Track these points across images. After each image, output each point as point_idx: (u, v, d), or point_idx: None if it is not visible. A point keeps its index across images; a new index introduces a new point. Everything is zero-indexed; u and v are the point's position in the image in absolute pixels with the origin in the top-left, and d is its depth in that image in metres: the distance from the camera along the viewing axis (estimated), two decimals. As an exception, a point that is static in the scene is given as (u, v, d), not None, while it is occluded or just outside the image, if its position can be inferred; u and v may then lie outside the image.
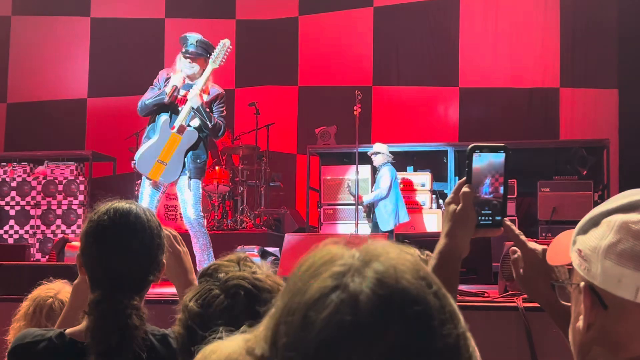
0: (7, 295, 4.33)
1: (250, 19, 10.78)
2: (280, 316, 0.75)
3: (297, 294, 0.74)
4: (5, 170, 9.00)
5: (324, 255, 0.77)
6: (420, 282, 0.74)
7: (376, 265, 0.74)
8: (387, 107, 10.13)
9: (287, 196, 9.88)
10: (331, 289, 0.72)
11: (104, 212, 1.77)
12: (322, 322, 0.71)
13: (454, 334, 0.74)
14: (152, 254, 1.79)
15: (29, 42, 10.79)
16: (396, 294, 0.72)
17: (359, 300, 0.71)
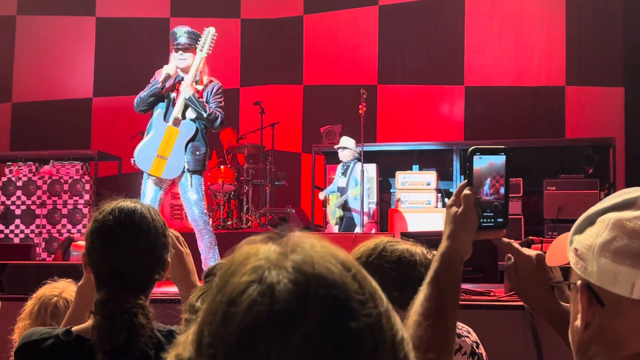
0: (13, 294, 4.34)
1: (255, 18, 10.79)
2: (204, 317, 0.75)
3: (217, 293, 0.75)
4: (11, 169, 9.02)
5: (243, 252, 0.77)
6: (338, 266, 0.74)
7: (293, 255, 0.74)
8: (392, 105, 10.12)
9: (293, 195, 9.89)
10: (249, 283, 0.73)
11: (109, 211, 1.78)
12: (240, 316, 0.71)
13: (375, 312, 0.74)
14: (157, 253, 1.80)
15: (34, 42, 10.82)
16: (313, 280, 0.72)
17: (275, 290, 0.71)
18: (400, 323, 0.77)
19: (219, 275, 0.77)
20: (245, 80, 10.66)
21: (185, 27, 5.61)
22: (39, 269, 4.91)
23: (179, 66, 5.56)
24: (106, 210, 1.79)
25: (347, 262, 0.76)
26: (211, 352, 0.72)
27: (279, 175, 9.31)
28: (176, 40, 5.55)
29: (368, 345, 0.72)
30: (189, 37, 5.55)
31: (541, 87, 9.53)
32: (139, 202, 1.83)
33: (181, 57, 5.52)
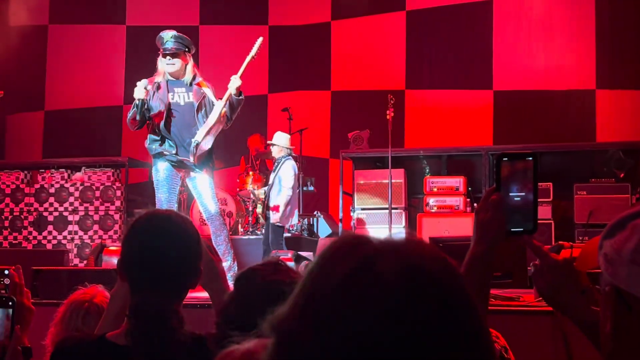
0: (46, 299, 4.40)
1: (282, 25, 10.84)
2: (306, 297, 0.76)
3: (323, 277, 0.76)
4: (44, 177, 9.16)
5: (355, 239, 0.79)
6: (445, 267, 0.76)
7: (400, 249, 0.76)
8: (420, 110, 10.10)
9: (321, 200, 9.90)
10: (357, 271, 0.74)
11: (144, 220, 1.81)
12: (349, 305, 0.72)
13: (477, 319, 0.76)
14: (190, 261, 1.83)
15: (66, 51, 10.97)
16: (421, 275, 0.74)
17: (384, 281, 0.73)
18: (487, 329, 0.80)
19: (320, 261, 0.78)
20: (273, 86, 10.71)
21: (172, 32, 5.60)
22: (72, 274, 4.98)
23: (168, 71, 5.58)
24: (141, 218, 1.82)
25: (451, 265, 0.78)
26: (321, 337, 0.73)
27: (307, 180, 9.32)
28: (163, 45, 5.55)
29: (467, 347, 0.74)
30: (176, 41, 5.54)
31: (571, 91, 9.44)
32: (172, 210, 1.86)
33: (169, 62, 5.52)
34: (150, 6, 10.73)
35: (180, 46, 5.54)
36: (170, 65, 5.53)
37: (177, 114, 5.61)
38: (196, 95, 5.59)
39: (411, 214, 8.67)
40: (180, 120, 5.61)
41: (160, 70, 5.62)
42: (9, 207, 9.12)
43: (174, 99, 5.60)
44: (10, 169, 9.28)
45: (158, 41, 5.61)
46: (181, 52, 5.55)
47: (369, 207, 8.58)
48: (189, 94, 5.61)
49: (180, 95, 5.62)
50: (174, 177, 5.69)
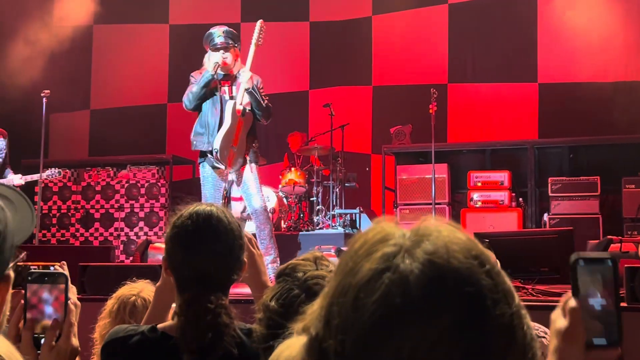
0: (93, 295, 4.48)
1: (323, 20, 10.83)
2: (333, 296, 0.75)
3: (348, 275, 0.74)
4: (90, 174, 9.32)
5: (375, 234, 0.76)
6: (472, 261, 0.73)
7: (427, 245, 0.73)
8: (463, 104, 9.99)
9: (363, 196, 9.87)
10: (381, 271, 0.72)
11: (187, 216, 1.83)
12: (373, 305, 0.70)
13: (508, 313, 0.72)
14: (235, 254, 1.84)
15: (110, 50, 11.13)
16: (447, 274, 0.71)
17: (409, 282, 0.70)
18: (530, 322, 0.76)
19: (349, 253, 0.77)
20: (315, 82, 10.71)
21: (223, 27, 5.73)
22: (118, 270, 5.06)
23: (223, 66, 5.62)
24: (184, 215, 1.84)
25: (481, 256, 0.74)
26: (341, 337, 0.72)
27: (349, 176, 9.31)
28: (214, 41, 5.63)
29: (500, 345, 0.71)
30: (227, 36, 5.63)
31: (618, 83, 9.22)
32: (214, 206, 1.88)
33: (223, 55, 5.58)
34: (192, 5, 10.82)
35: (231, 41, 5.62)
36: (224, 59, 5.60)
37: (223, 109, 5.63)
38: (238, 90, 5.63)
39: (455, 209, 8.60)
40: (224, 116, 5.62)
41: (208, 67, 5.66)
42: (57, 204, 9.31)
43: (221, 93, 5.66)
44: (57, 167, 9.45)
45: (207, 37, 5.69)
46: (232, 46, 5.60)
47: (411, 203, 8.52)
48: (233, 88, 5.66)
49: (226, 90, 5.67)
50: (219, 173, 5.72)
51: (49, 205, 9.26)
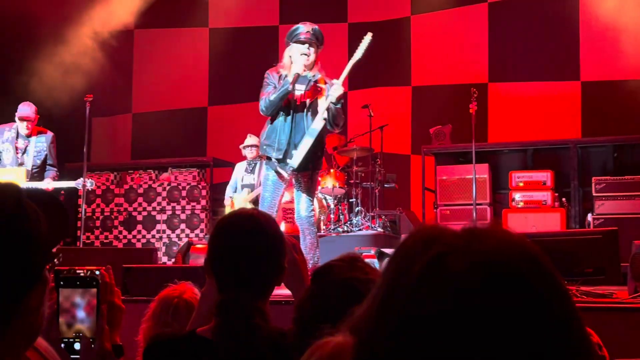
0: (136, 296, 4.53)
1: (362, 21, 10.81)
2: (384, 297, 0.74)
3: (400, 274, 0.73)
4: (133, 177, 9.46)
5: (428, 234, 0.75)
6: (526, 263, 0.71)
7: (478, 245, 0.72)
8: (504, 104, 9.88)
9: (402, 197, 9.83)
10: (428, 270, 0.71)
11: (229, 220, 1.85)
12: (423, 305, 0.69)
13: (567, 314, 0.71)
14: (274, 259, 1.86)
15: (151, 54, 11.29)
16: (497, 275, 0.70)
17: (459, 282, 0.69)
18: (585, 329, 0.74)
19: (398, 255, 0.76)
20: (353, 83, 10.69)
21: (314, 25, 5.53)
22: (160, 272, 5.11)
23: (301, 61, 5.42)
24: (226, 218, 1.86)
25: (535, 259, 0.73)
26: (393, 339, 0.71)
27: (389, 177, 9.27)
28: (300, 36, 5.44)
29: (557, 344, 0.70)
30: (314, 34, 5.48)
31: (664, 79, 9.02)
32: (256, 210, 1.89)
33: (306, 50, 5.40)
34: (231, 8, 10.89)
35: (317, 40, 5.49)
36: (304, 56, 5.41)
37: (292, 111, 5.47)
38: (311, 93, 5.48)
39: (496, 209, 8.50)
40: (292, 118, 5.47)
41: (286, 62, 5.48)
42: (100, 207, 9.46)
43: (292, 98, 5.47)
44: (100, 170, 9.63)
45: (293, 31, 5.51)
46: (315, 45, 5.48)
47: (452, 204, 8.46)
48: (305, 92, 5.49)
49: (297, 93, 5.47)
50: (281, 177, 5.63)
51: (93, 208, 9.42)
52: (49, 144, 7.23)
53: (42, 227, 1.05)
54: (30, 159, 7.10)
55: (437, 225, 0.77)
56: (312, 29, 5.48)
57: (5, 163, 7.09)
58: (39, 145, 7.16)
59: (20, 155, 7.10)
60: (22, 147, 7.12)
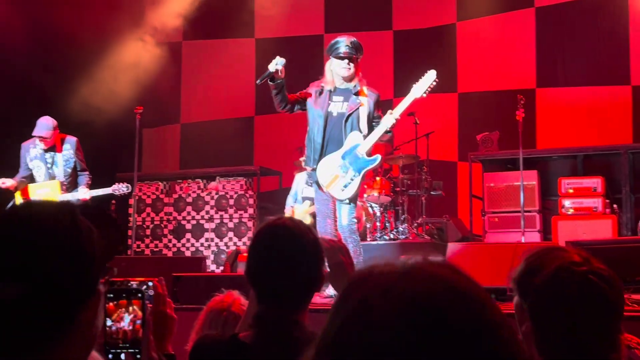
0: (186, 304, 4.60)
1: (406, 28, 10.80)
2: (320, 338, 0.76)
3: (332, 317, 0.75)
4: (181, 187, 9.60)
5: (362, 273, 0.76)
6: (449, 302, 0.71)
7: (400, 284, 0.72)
8: (552, 109, 9.74)
9: (449, 205, 9.75)
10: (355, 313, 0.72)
11: (265, 231, 1.87)
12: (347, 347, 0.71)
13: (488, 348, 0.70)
14: (311, 270, 1.87)
15: (199, 65, 11.45)
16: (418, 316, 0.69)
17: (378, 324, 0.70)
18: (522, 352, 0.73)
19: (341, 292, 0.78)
20: (399, 91, 10.66)
21: (351, 38, 5.58)
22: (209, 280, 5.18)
23: (342, 74, 5.50)
24: (262, 230, 1.88)
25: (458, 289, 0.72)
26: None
27: (435, 184, 9.22)
28: (339, 50, 5.51)
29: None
30: (353, 47, 5.52)
31: None
32: (291, 220, 1.90)
33: (346, 65, 5.47)
34: (277, 18, 10.98)
35: (356, 53, 5.55)
36: (345, 69, 5.49)
37: (329, 124, 5.53)
38: (351, 105, 5.51)
39: (546, 217, 8.37)
40: (329, 132, 5.52)
41: (328, 77, 5.59)
42: (150, 216, 9.63)
43: (330, 109, 5.54)
44: (150, 180, 9.80)
45: (332, 45, 5.59)
46: (355, 58, 5.55)
47: (500, 211, 8.36)
48: (344, 104, 5.52)
49: (336, 105, 5.53)
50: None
51: (143, 217, 9.58)
52: (75, 150, 7.06)
53: (97, 243, 1.09)
54: (60, 170, 7.01)
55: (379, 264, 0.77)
56: (350, 43, 5.53)
57: (38, 180, 7.04)
58: (66, 154, 7.03)
59: (50, 168, 7.01)
60: (50, 160, 7.03)
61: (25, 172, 7.11)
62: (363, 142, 5.45)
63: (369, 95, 5.56)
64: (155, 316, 1.57)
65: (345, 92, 5.55)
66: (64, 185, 6.99)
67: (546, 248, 1.66)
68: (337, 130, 5.50)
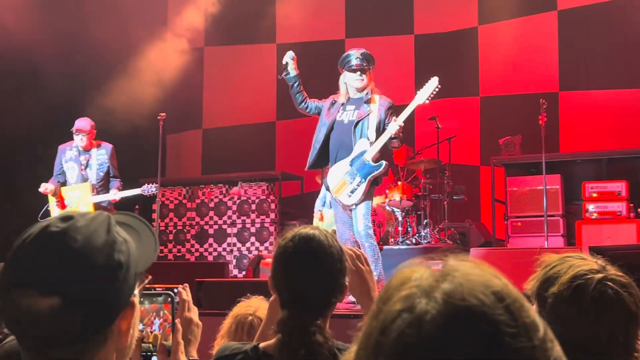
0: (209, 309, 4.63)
1: (428, 33, 10.77)
2: (361, 340, 0.77)
3: (373, 318, 0.76)
4: (204, 192, 9.66)
5: (399, 277, 0.78)
6: (490, 296, 0.72)
7: (445, 284, 0.74)
8: (576, 112, 9.67)
9: (472, 209, 9.71)
10: (399, 312, 0.73)
11: (290, 238, 1.89)
12: (389, 346, 0.72)
13: (528, 346, 0.71)
14: (334, 278, 1.88)
15: (221, 71, 11.51)
16: (461, 312, 0.71)
17: (423, 322, 0.71)
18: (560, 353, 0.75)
19: (376, 300, 0.79)
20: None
21: (361, 49, 5.76)
22: (232, 286, 5.21)
23: (356, 86, 5.68)
24: (287, 237, 1.91)
25: (501, 292, 0.74)
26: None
27: (457, 189, 9.19)
28: (351, 63, 5.67)
29: None
30: (364, 58, 5.68)
31: None
32: (317, 229, 1.92)
33: (359, 77, 5.64)
34: (298, 23, 11.02)
35: (368, 63, 5.70)
36: (359, 81, 5.66)
37: (337, 132, 5.69)
38: (360, 113, 5.64)
39: (569, 221, 8.30)
40: (339, 139, 5.67)
41: (342, 90, 5.75)
42: (173, 221, 9.69)
43: (340, 117, 5.69)
44: (173, 185, 9.87)
45: (344, 59, 5.76)
46: (367, 68, 5.68)
47: (523, 215, 8.31)
48: (355, 112, 5.67)
49: (348, 113, 5.69)
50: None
51: (166, 222, 9.65)
52: (109, 156, 7.23)
53: (132, 254, 1.11)
54: (93, 173, 7.15)
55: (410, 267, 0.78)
56: (361, 55, 5.70)
57: (70, 182, 7.18)
58: (100, 158, 7.20)
59: (84, 170, 7.16)
60: (85, 162, 7.18)
61: (58, 174, 7.26)
62: (370, 149, 5.53)
63: (380, 103, 5.68)
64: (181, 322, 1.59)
65: (357, 101, 5.71)
66: (96, 188, 7.13)
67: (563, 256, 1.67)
68: (347, 137, 5.63)
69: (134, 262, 1.11)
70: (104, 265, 1.06)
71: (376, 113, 5.62)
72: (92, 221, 1.09)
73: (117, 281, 1.07)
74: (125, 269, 1.09)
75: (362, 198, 5.53)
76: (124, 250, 1.10)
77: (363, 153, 5.56)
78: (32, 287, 1.03)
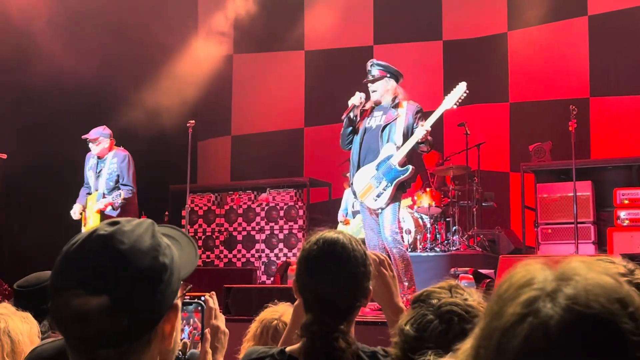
0: (238, 315, 4.66)
1: (457, 38, 10.73)
2: (480, 338, 0.77)
3: (494, 318, 0.76)
4: (232, 198, 9.72)
5: (520, 277, 0.78)
6: (615, 304, 0.72)
7: (568, 289, 0.74)
8: (607, 118, 9.55)
9: (501, 216, 9.63)
10: (524, 315, 0.73)
11: (314, 242, 1.91)
12: (514, 350, 0.72)
13: None
14: (358, 282, 1.89)
15: (249, 78, 11.59)
16: (586, 319, 0.71)
17: (549, 328, 0.71)
18: None
19: (494, 298, 0.79)
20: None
21: (372, 60, 5.79)
22: (260, 292, 5.24)
23: (372, 98, 5.72)
24: (311, 240, 1.92)
25: (625, 299, 0.74)
26: None
27: (486, 195, 9.12)
28: (368, 74, 5.73)
29: None
30: (373, 68, 5.70)
31: None
32: (341, 233, 1.94)
33: (371, 88, 5.69)
34: (326, 30, 11.05)
35: (377, 73, 5.68)
36: (373, 93, 5.70)
37: (366, 137, 5.71)
38: (387, 117, 5.66)
39: (600, 228, 8.20)
40: (367, 145, 5.69)
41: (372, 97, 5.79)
42: (202, 227, 9.76)
43: (369, 124, 5.73)
44: (202, 191, 9.95)
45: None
46: (379, 77, 5.68)
47: (553, 222, 8.23)
48: (382, 117, 5.68)
49: (376, 118, 5.72)
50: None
51: (195, 228, 9.73)
52: (120, 163, 6.89)
53: (175, 260, 1.15)
54: (103, 182, 6.91)
55: (531, 266, 0.78)
56: (370, 66, 5.72)
57: (92, 191, 7.01)
58: (111, 167, 6.93)
59: (97, 179, 6.98)
60: (98, 171, 6.99)
61: (86, 184, 7.17)
62: (396, 153, 5.51)
63: (408, 108, 5.67)
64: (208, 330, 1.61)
65: (385, 107, 5.72)
66: (105, 196, 6.84)
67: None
68: (374, 141, 5.66)
69: (177, 267, 1.15)
70: (149, 267, 1.10)
71: (404, 117, 5.61)
72: (137, 226, 1.14)
73: (161, 283, 1.11)
74: (170, 272, 1.13)
75: (388, 202, 5.53)
76: (167, 254, 1.14)
77: (389, 157, 5.56)
78: (82, 288, 1.07)
